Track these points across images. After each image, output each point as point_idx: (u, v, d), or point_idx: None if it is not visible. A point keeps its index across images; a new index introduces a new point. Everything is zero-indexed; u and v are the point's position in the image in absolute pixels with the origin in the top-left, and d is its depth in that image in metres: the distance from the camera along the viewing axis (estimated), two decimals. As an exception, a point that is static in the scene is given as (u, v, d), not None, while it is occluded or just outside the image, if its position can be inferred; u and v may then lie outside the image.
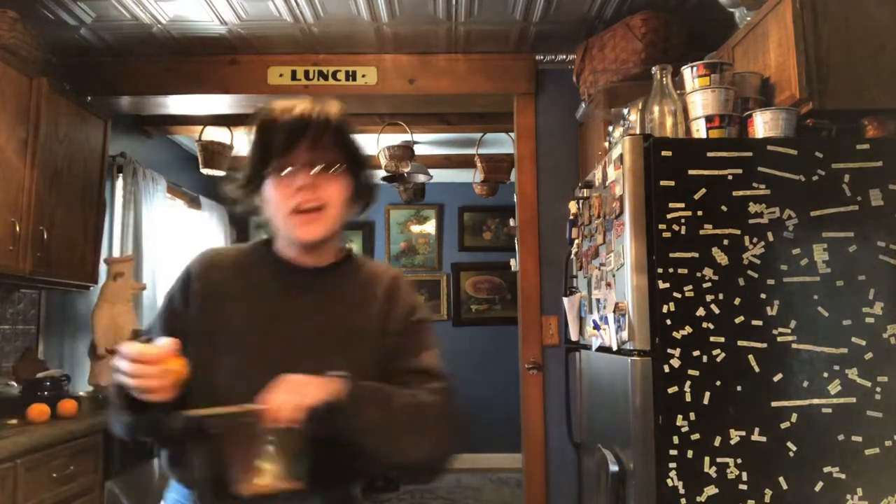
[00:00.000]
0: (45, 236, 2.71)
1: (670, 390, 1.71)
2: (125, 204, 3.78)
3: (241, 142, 4.26)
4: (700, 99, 1.94)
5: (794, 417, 1.70)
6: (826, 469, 1.69)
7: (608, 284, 2.00)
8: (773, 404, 1.70)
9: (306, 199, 1.04)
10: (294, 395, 0.91)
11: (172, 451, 1.07)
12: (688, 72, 2.00)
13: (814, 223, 1.76)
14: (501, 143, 4.42)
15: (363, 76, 3.33)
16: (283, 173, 1.05)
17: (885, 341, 1.73)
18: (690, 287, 1.74)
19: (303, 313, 1.09)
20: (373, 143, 4.09)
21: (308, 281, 1.12)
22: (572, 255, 2.55)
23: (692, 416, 1.70)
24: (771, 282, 1.74)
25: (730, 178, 1.77)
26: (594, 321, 2.16)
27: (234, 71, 3.33)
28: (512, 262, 3.57)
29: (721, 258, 1.75)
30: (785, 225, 1.76)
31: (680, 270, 1.75)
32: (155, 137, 4.28)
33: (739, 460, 1.68)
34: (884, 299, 1.74)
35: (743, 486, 1.68)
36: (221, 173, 4.04)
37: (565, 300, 2.47)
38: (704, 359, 1.72)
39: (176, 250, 4.48)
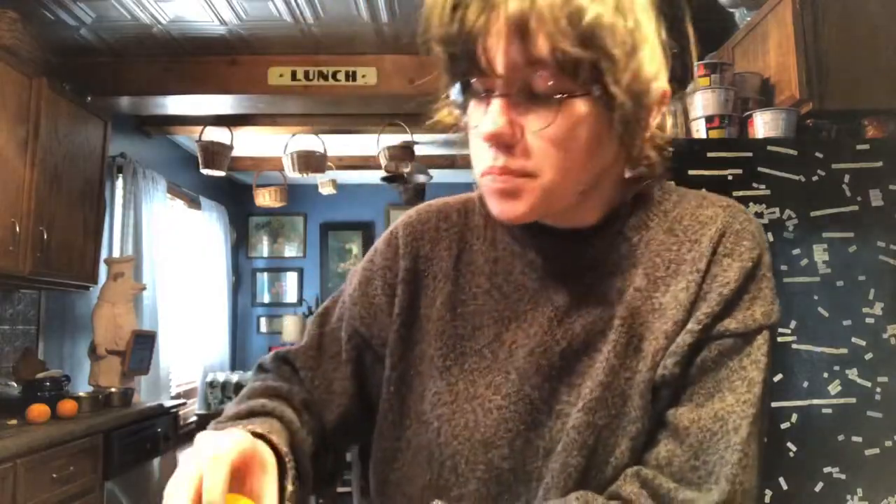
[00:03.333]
0: (45, 236, 2.71)
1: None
2: (125, 204, 3.78)
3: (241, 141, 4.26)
4: (700, 99, 1.94)
5: (794, 417, 1.70)
6: (826, 469, 1.68)
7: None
8: (773, 404, 1.70)
9: (499, 161, 0.57)
10: None
11: None
12: (688, 72, 2.00)
13: (814, 223, 1.76)
14: (501, 144, 4.41)
15: (363, 76, 3.34)
16: (467, 94, 0.60)
17: (885, 341, 1.73)
18: (690, 287, 1.74)
19: (547, 319, 0.64)
20: (373, 143, 4.09)
21: (556, 255, 0.66)
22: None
23: (692, 416, 1.70)
24: (771, 282, 1.74)
25: (730, 178, 1.77)
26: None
27: (234, 71, 3.34)
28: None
29: (721, 258, 1.75)
30: (785, 225, 1.76)
31: (680, 270, 1.75)
32: (155, 137, 4.28)
33: (739, 460, 1.68)
34: (884, 299, 1.74)
35: (743, 487, 1.67)
36: (221, 173, 4.04)
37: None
38: (704, 359, 1.72)
39: (176, 250, 4.49)
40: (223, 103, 3.50)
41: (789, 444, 1.69)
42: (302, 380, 0.72)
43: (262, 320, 5.89)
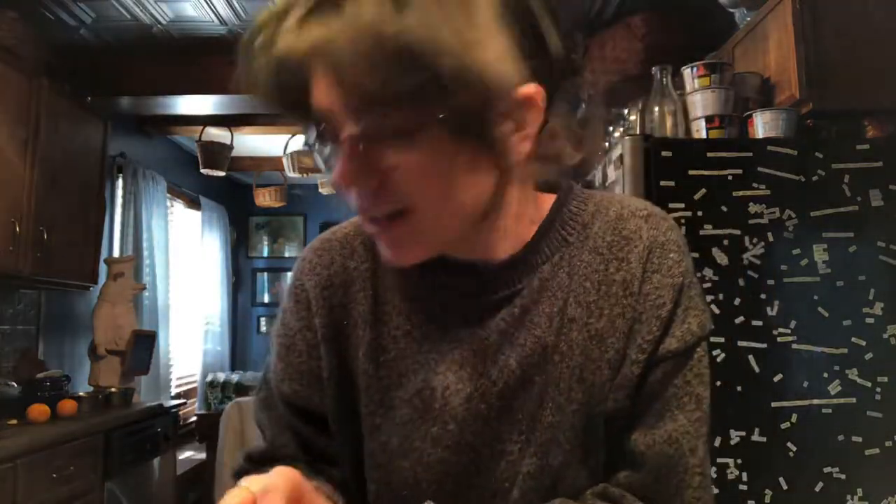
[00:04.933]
0: (45, 236, 2.71)
1: (670, 390, 1.71)
2: (125, 204, 3.79)
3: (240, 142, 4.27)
4: (700, 99, 1.94)
5: (794, 417, 1.70)
6: (826, 469, 1.68)
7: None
8: (773, 404, 1.70)
9: (365, 202, 0.53)
10: None
11: None
12: (688, 72, 2.00)
13: (814, 223, 1.76)
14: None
15: (363, 76, 3.34)
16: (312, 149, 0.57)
17: (885, 341, 1.73)
18: (690, 287, 1.74)
19: (479, 358, 0.60)
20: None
21: (477, 288, 0.61)
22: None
23: (692, 416, 1.70)
24: (771, 282, 1.74)
25: (730, 178, 1.77)
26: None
27: (234, 71, 3.33)
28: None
29: (721, 258, 1.75)
30: (785, 225, 1.76)
31: (680, 270, 1.74)
32: (155, 137, 4.28)
33: (739, 460, 1.68)
34: (884, 299, 1.74)
35: (743, 486, 1.67)
36: (221, 173, 4.04)
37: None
38: (704, 359, 1.72)
39: (176, 250, 4.49)
40: (223, 103, 3.50)
41: (789, 444, 1.69)
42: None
43: (262, 320, 5.89)
